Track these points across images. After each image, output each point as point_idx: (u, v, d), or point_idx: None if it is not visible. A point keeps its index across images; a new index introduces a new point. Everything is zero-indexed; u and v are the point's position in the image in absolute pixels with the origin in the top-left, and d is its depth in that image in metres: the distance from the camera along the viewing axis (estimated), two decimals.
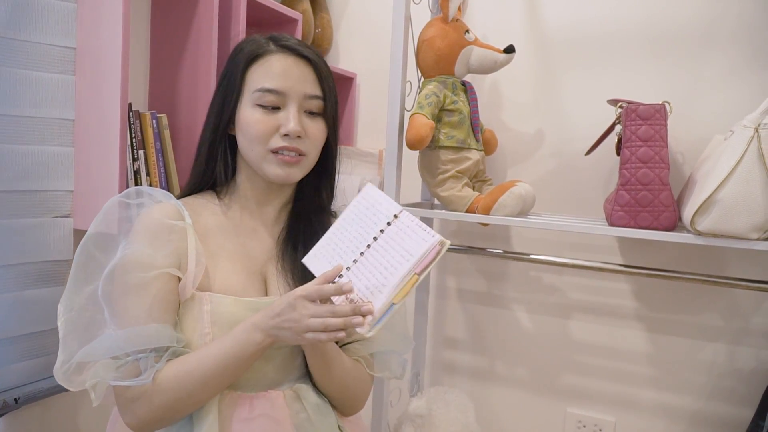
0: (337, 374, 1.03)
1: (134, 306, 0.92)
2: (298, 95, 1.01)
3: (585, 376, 1.79)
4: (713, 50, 1.57)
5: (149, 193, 1.02)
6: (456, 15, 1.57)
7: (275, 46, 1.02)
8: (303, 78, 1.02)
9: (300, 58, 1.02)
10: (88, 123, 1.34)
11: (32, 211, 1.30)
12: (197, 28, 1.49)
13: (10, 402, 1.27)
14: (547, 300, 1.82)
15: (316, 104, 1.03)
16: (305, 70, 1.02)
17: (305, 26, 1.84)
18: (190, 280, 0.96)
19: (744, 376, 1.60)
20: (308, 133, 1.02)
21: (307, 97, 1.02)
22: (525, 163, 1.82)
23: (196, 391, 0.91)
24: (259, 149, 1.00)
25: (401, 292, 0.85)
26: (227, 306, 0.96)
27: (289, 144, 0.99)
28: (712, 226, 1.24)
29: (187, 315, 0.96)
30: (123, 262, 0.93)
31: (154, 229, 0.96)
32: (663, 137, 1.35)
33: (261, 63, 1.01)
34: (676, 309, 1.66)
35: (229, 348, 0.91)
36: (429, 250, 0.85)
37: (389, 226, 0.92)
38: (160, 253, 0.95)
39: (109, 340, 0.91)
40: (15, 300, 1.28)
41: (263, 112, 1.00)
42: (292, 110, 1.00)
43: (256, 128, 0.99)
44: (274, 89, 0.99)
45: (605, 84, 1.69)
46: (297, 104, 1.01)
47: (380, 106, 1.58)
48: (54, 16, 1.31)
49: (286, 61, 1.01)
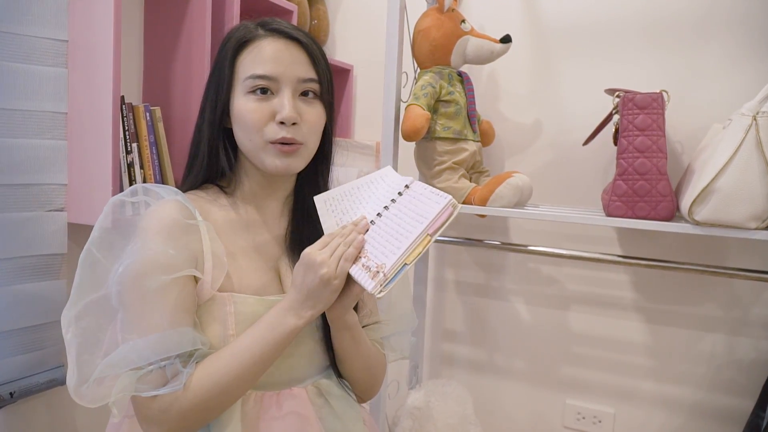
0: (363, 352, 1.03)
1: (155, 312, 0.87)
2: (291, 79, 0.96)
3: (584, 368, 1.78)
4: (711, 38, 1.56)
5: (154, 191, 0.96)
6: (452, 5, 1.56)
7: (264, 31, 0.98)
8: (295, 61, 0.97)
9: (291, 41, 0.98)
10: (81, 116, 1.33)
11: (26, 204, 1.30)
12: (190, 20, 1.48)
13: (6, 396, 1.27)
14: (546, 291, 1.82)
15: (312, 87, 0.99)
16: (297, 53, 0.98)
17: (301, 18, 1.83)
18: (208, 281, 0.92)
19: (743, 367, 1.59)
20: (305, 119, 0.97)
21: (301, 81, 0.97)
22: (522, 153, 1.81)
23: (231, 387, 0.88)
24: (257, 139, 0.96)
25: (414, 252, 0.85)
26: (251, 306, 0.94)
27: (285, 135, 0.95)
28: (710, 215, 1.23)
29: (207, 317, 0.92)
30: (140, 265, 0.87)
31: (169, 227, 0.90)
32: (660, 126, 1.34)
33: (250, 49, 0.97)
34: (675, 300, 1.65)
35: (264, 337, 0.89)
36: (442, 210, 0.86)
37: (401, 195, 0.93)
38: (180, 254, 0.90)
39: (130, 350, 0.85)
40: (9, 294, 1.28)
41: (256, 99, 0.95)
42: (286, 95, 0.95)
43: (251, 117, 0.95)
44: (265, 75, 0.95)
45: (602, 73, 1.68)
46: (291, 89, 0.96)
47: (377, 97, 1.57)
48: (46, 9, 1.30)
49: (277, 44, 0.97)
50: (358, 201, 0.99)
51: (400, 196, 0.93)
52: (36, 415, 1.41)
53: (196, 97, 1.49)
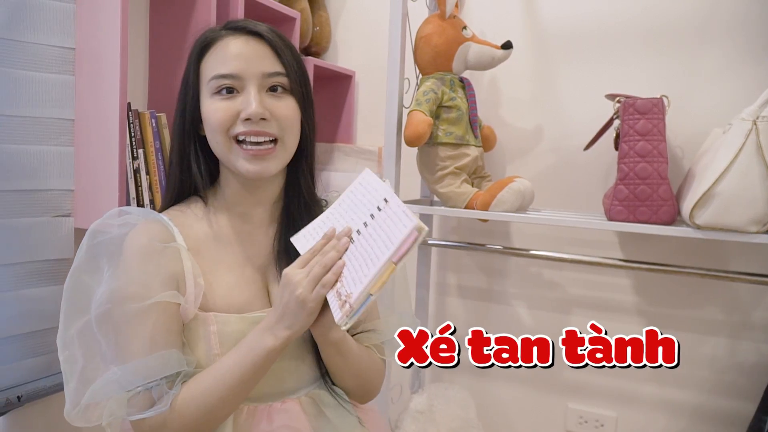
0: (353, 363, 0.99)
1: (135, 338, 0.87)
2: (255, 75, 0.92)
3: (586, 372, 1.79)
4: (711, 43, 1.57)
5: (131, 213, 0.95)
6: (453, 11, 1.57)
7: (225, 30, 0.95)
8: (258, 56, 0.93)
9: (252, 36, 0.94)
10: (87, 123, 1.34)
11: (33, 210, 1.31)
12: (195, 27, 1.50)
13: (13, 400, 1.28)
14: (547, 295, 1.82)
15: (280, 81, 0.94)
16: (259, 48, 0.94)
17: (303, 25, 1.85)
18: (191, 302, 0.91)
19: (745, 371, 1.59)
20: (275, 114, 0.93)
21: (266, 76, 0.93)
22: (524, 158, 1.82)
23: (216, 408, 0.88)
24: (222, 139, 0.93)
25: (378, 281, 0.80)
26: (233, 325, 0.92)
27: (251, 128, 0.91)
28: (711, 219, 1.25)
29: (193, 336, 0.92)
30: (115, 295, 0.88)
31: (144, 254, 0.90)
32: (661, 131, 1.35)
33: (213, 50, 0.94)
34: (677, 303, 1.66)
35: (244, 358, 0.87)
36: (407, 236, 0.80)
37: (379, 211, 0.87)
38: (154, 280, 0.89)
39: (114, 377, 0.86)
40: (17, 298, 1.29)
41: (221, 99, 0.92)
42: (251, 91, 0.91)
43: (215, 117, 0.92)
44: (228, 74, 0.91)
45: (603, 79, 1.69)
46: (256, 84, 0.92)
47: (379, 103, 1.58)
48: (53, 17, 1.31)
49: (238, 41, 0.93)
50: (338, 220, 0.93)
51: (378, 212, 0.87)
52: (43, 419, 1.41)
53: None
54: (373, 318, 1.08)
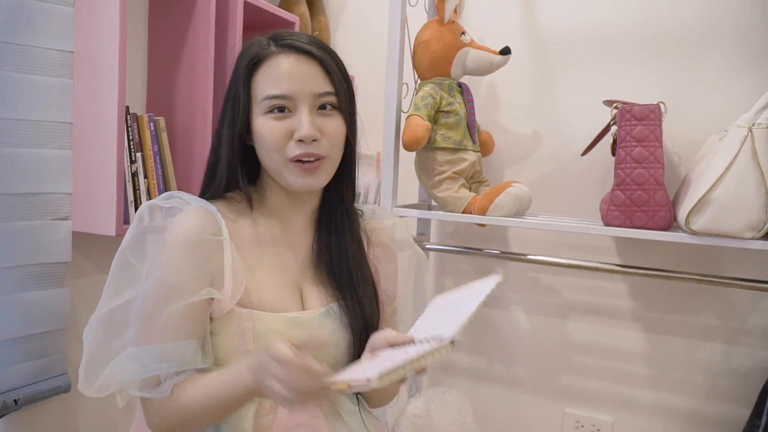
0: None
1: (162, 326, 0.89)
2: (307, 96, 0.94)
3: (583, 377, 1.79)
4: (708, 51, 1.58)
5: (181, 197, 0.98)
6: (452, 17, 1.57)
7: (276, 47, 0.96)
8: (310, 76, 0.95)
9: (303, 55, 0.95)
10: (86, 126, 1.35)
11: (31, 213, 1.31)
12: (194, 31, 1.50)
13: (10, 403, 1.28)
14: (545, 300, 1.83)
15: (329, 100, 0.96)
16: (311, 67, 0.95)
17: (302, 29, 1.85)
18: (227, 296, 0.92)
19: (741, 376, 1.60)
20: (325, 133, 0.95)
21: (317, 96, 0.95)
22: (521, 164, 1.83)
23: (198, 416, 0.89)
24: (278, 158, 0.95)
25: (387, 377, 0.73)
26: (269, 323, 0.94)
27: (305, 150, 0.93)
28: (706, 225, 1.25)
29: (226, 330, 0.93)
30: (152, 286, 0.91)
31: (189, 243, 0.92)
32: (658, 137, 1.36)
33: (264, 68, 0.95)
34: (673, 309, 1.67)
35: (225, 384, 0.87)
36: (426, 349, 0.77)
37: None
38: (195, 272, 0.91)
39: (133, 356, 0.89)
40: (14, 302, 1.29)
41: (274, 118, 0.94)
42: (303, 113, 0.93)
43: (270, 137, 0.94)
44: (281, 94, 0.93)
45: (601, 85, 1.70)
46: (308, 105, 0.94)
47: (377, 108, 1.58)
48: (51, 21, 1.31)
49: (289, 61, 0.94)
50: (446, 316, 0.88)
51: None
52: (40, 423, 1.41)
53: (199, 107, 1.50)
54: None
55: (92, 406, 1.53)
